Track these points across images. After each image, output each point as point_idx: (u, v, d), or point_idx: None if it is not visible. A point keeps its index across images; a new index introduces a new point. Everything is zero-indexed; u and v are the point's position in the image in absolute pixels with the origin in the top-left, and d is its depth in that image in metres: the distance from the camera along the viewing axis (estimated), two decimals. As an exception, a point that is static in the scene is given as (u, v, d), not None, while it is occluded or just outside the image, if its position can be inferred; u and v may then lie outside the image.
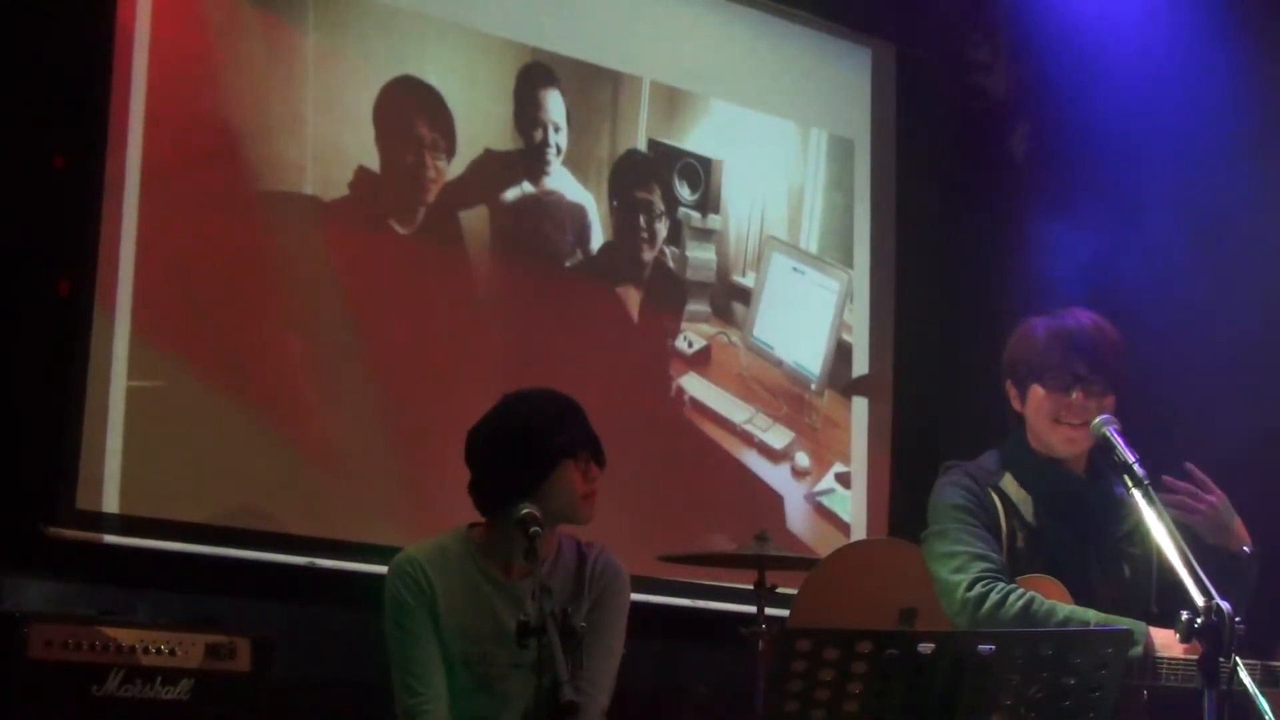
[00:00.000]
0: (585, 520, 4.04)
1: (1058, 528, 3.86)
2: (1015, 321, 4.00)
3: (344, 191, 5.45)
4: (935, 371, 6.64)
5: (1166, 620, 3.64)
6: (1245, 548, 3.80)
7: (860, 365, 6.62)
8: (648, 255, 6.15)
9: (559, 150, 5.95)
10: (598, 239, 6.03)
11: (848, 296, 6.62)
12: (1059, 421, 3.83)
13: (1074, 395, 3.81)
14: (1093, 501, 3.90)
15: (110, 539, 4.90)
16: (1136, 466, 3.51)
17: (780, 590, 4.88)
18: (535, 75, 5.93)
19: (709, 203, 6.31)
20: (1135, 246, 6.29)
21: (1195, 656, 3.32)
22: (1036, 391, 3.86)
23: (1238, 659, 3.14)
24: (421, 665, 3.91)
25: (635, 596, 4.17)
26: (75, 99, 4.98)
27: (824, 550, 5.43)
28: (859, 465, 6.54)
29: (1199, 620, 3.11)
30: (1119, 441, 3.61)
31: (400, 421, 5.43)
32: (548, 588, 3.37)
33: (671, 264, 6.20)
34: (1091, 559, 3.86)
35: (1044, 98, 6.77)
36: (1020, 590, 3.69)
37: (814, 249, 6.58)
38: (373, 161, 5.51)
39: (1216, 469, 3.84)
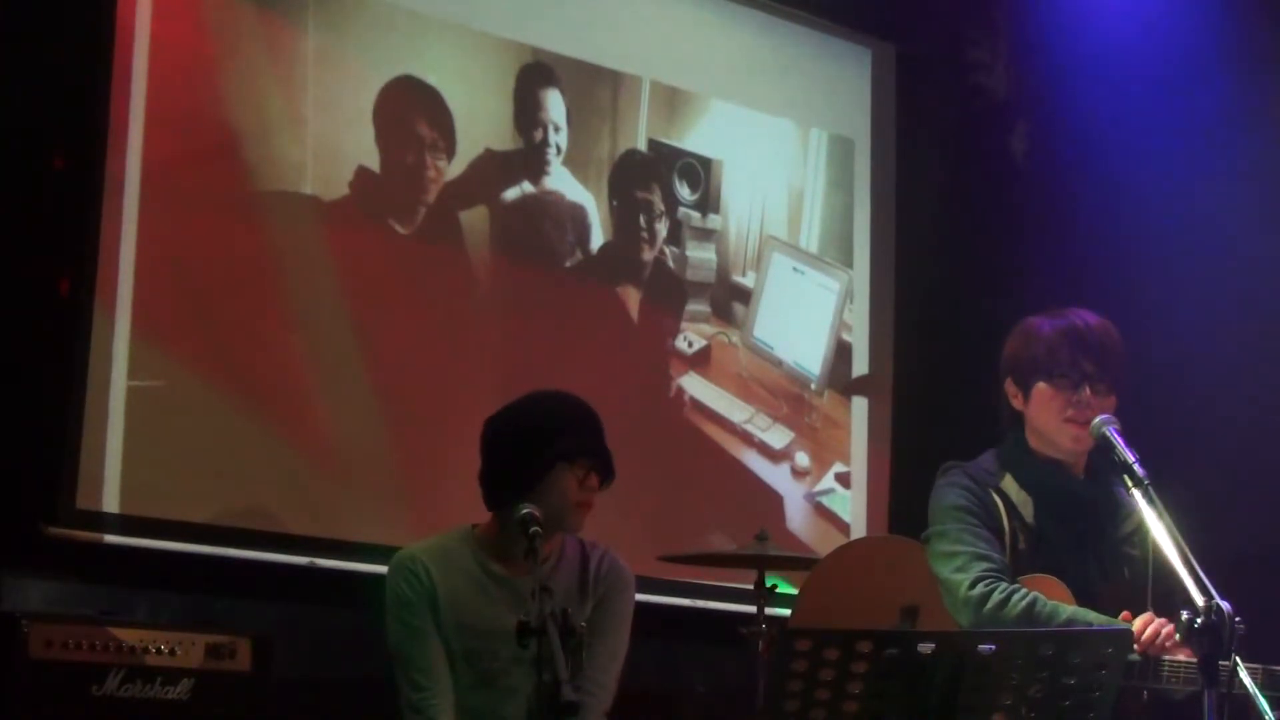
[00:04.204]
0: (573, 530, 4.04)
1: (1058, 529, 3.85)
2: (1015, 321, 3.99)
3: (344, 191, 5.44)
4: (935, 371, 6.63)
5: (1164, 622, 3.65)
6: None
7: (860, 365, 6.62)
8: (648, 255, 6.14)
9: (559, 150, 5.95)
10: (598, 239, 6.02)
11: (848, 296, 6.62)
12: (1068, 419, 3.82)
13: (1083, 392, 3.80)
14: (1093, 503, 3.89)
15: (110, 539, 4.89)
16: (1136, 466, 3.51)
17: (780, 590, 4.88)
18: (535, 75, 5.92)
19: (709, 203, 6.30)
20: (1135, 246, 6.29)
21: (1194, 659, 3.32)
22: (1043, 390, 3.85)
23: (1238, 659, 3.14)
24: (425, 660, 3.92)
25: (636, 596, 4.17)
26: (75, 99, 4.97)
27: (824, 550, 5.42)
28: (859, 465, 6.54)
29: (1199, 620, 3.11)
30: (1119, 441, 3.60)
31: (400, 421, 5.43)
32: (548, 588, 3.36)
33: (671, 264, 6.19)
34: (1091, 561, 3.86)
35: (1044, 98, 6.77)
36: (1024, 591, 3.68)
37: (814, 249, 6.58)
38: (373, 161, 5.51)
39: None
